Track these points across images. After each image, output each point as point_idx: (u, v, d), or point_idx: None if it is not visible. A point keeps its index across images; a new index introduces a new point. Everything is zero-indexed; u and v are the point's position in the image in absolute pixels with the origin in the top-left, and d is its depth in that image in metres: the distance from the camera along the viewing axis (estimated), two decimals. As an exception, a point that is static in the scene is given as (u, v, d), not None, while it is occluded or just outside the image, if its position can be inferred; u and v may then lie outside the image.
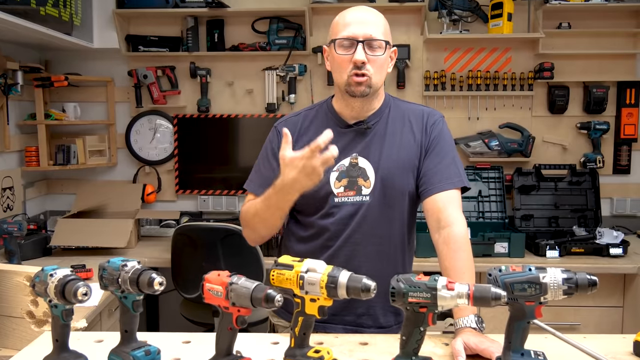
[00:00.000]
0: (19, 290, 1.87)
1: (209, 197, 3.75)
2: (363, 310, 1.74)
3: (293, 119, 1.82)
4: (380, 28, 1.66)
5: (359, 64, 1.63)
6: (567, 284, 1.18)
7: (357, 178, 1.71)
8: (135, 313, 1.30)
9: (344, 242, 1.71)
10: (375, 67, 1.65)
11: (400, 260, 1.78)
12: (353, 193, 1.71)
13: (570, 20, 3.54)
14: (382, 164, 1.71)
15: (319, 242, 1.74)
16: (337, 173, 1.72)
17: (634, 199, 3.68)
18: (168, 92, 3.71)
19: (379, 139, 1.74)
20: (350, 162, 1.72)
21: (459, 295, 1.15)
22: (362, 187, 1.71)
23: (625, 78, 3.59)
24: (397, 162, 1.71)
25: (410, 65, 3.63)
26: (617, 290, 3.06)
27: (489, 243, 3.07)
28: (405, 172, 1.72)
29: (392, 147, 1.73)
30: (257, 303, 1.16)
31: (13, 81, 3.19)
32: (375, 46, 1.64)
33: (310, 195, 1.71)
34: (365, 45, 1.63)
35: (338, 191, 1.71)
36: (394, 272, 1.43)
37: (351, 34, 1.64)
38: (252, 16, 3.64)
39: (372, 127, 1.74)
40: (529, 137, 3.56)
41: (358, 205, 1.71)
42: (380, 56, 1.65)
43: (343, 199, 1.71)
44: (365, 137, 1.74)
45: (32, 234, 3.14)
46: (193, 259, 2.92)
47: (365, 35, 1.63)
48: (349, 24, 1.65)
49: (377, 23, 1.67)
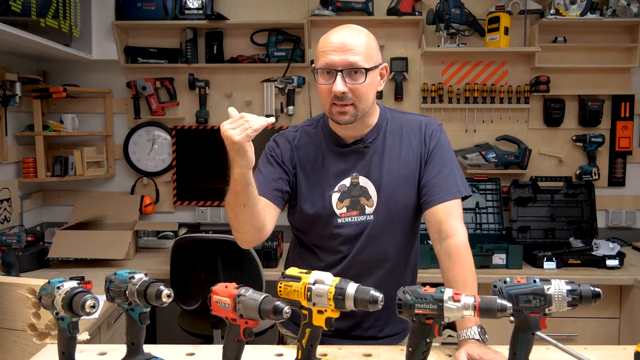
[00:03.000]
0: (20, 303, 1.86)
1: (206, 209, 3.75)
2: (369, 324, 1.76)
3: (291, 133, 1.81)
4: (362, 52, 1.58)
5: (338, 94, 1.58)
6: (571, 296, 1.19)
7: (359, 197, 1.70)
8: (142, 325, 1.30)
9: (350, 262, 1.71)
10: (358, 95, 1.60)
11: (406, 273, 1.80)
12: (357, 213, 1.70)
13: (566, 34, 3.58)
14: (383, 181, 1.71)
15: (324, 264, 1.73)
16: (339, 194, 1.71)
17: (629, 211, 3.71)
18: (166, 104, 3.72)
19: (379, 156, 1.73)
20: (352, 182, 1.71)
21: (465, 307, 1.16)
22: (365, 206, 1.70)
23: (620, 92, 3.63)
24: (398, 178, 1.71)
25: (408, 78, 3.66)
26: (613, 301, 3.08)
27: (487, 255, 3.09)
28: (406, 187, 1.72)
29: (392, 162, 1.72)
30: (265, 315, 1.16)
31: (11, 92, 3.18)
32: (357, 74, 1.59)
33: (312, 217, 1.72)
34: (345, 74, 1.58)
35: (341, 212, 1.70)
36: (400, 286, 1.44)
37: (330, 63, 1.58)
38: (251, 28, 3.66)
39: (371, 145, 1.73)
40: (526, 150, 3.59)
41: (363, 225, 1.70)
42: (362, 83, 1.59)
43: (347, 220, 1.71)
44: (365, 156, 1.73)
45: (30, 246, 3.13)
46: (192, 271, 2.91)
47: (344, 63, 1.57)
48: (328, 52, 1.59)
49: (359, 48, 1.58)
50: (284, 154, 1.76)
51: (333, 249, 1.72)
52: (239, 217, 1.57)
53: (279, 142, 1.78)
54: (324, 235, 1.73)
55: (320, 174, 1.73)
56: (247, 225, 1.60)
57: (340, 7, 3.53)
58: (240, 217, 1.57)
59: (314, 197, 1.72)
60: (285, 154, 1.76)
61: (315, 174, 1.74)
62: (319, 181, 1.73)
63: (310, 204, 1.73)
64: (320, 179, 1.73)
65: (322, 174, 1.73)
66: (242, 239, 1.66)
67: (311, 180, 1.74)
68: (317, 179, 1.73)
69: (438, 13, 3.46)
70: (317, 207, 1.72)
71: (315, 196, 1.72)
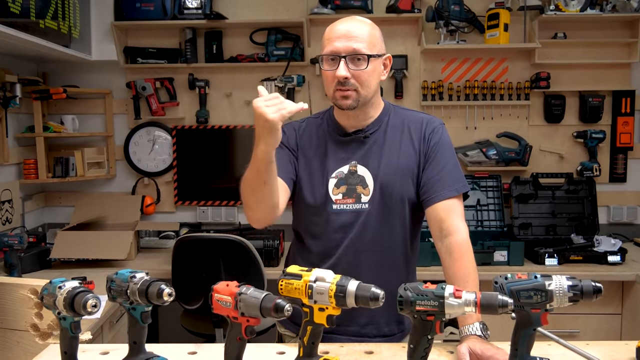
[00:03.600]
0: (23, 303, 1.86)
1: (208, 208, 3.76)
2: (367, 320, 1.76)
3: (297, 123, 1.88)
4: (365, 40, 1.65)
5: (341, 79, 1.64)
6: (572, 291, 1.19)
7: (356, 186, 1.73)
8: (144, 324, 1.30)
9: (345, 250, 1.73)
10: (361, 80, 1.66)
11: (403, 268, 1.79)
12: (352, 201, 1.72)
13: (566, 30, 3.58)
14: (381, 171, 1.73)
15: (320, 250, 1.76)
16: (336, 180, 1.74)
17: (630, 207, 3.71)
18: (167, 104, 3.72)
19: (378, 147, 1.75)
20: (349, 170, 1.74)
21: (466, 303, 1.16)
22: (362, 194, 1.72)
23: (621, 87, 3.62)
24: (397, 170, 1.73)
25: (408, 76, 3.66)
26: (615, 297, 3.08)
27: (489, 252, 3.09)
28: (404, 180, 1.73)
29: (392, 155, 1.74)
30: (266, 313, 1.17)
31: (12, 94, 3.19)
32: (359, 60, 1.65)
33: (308, 201, 1.75)
34: (348, 60, 1.64)
35: (336, 198, 1.73)
36: (396, 280, 1.44)
37: (334, 50, 1.65)
38: (250, 27, 3.66)
39: (371, 136, 1.76)
40: (526, 146, 3.59)
41: (358, 212, 1.72)
42: (365, 69, 1.65)
43: (342, 206, 1.73)
44: (364, 146, 1.76)
45: (32, 247, 3.13)
46: (193, 270, 2.92)
47: (348, 50, 1.63)
48: (333, 39, 1.66)
49: (362, 36, 1.65)
50: (290, 139, 1.82)
51: (328, 236, 1.74)
52: (258, 195, 1.61)
53: (286, 130, 1.82)
54: (319, 222, 1.75)
55: (320, 160, 1.78)
56: (263, 203, 1.63)
57: (339, 5, 3.53)
58: (258, 195, 1.61)
59: (312, 183, 1.77)
60: (291, 139, 1.82)
61: (315, 159, 1.78)
62: (319, 167, 1.77)
63: (309, 189, 1.76)
64: (320, 164, 1.77)
65: (322, 160, 1.77)
66: (257, 218, 1.69)
67: (311, 166, 1.78)
68: (317, 165, 1.77)
69: (437, 10, 3.46)
70: (315, 192, 1.75)
71: (313, 182, 1.76)
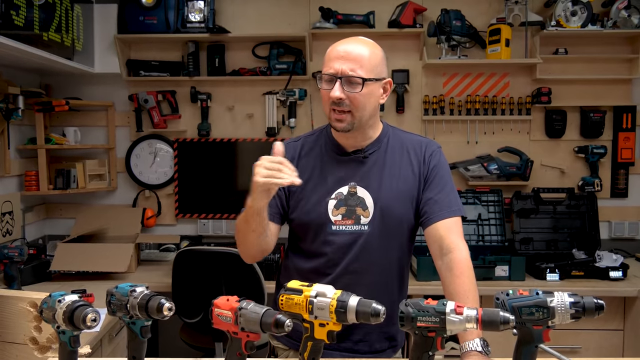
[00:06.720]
0: (22, 316, 1.85)
1: (209, 221, 3.75)
2: (360, 337, 1.75)
3: (293, 143, 1.84)
4: (362, 63, 1.63)
5: (335, 100, 1.63)
6: (574, 308, 1.19)
7: (355, 207, 1.71)
8: (144, 339, 1.29)
9: (342, 271, 1.71)
10: (355, 103, 1.64)
11: (397, 288, 1.79)
12: (351, 222, 1.71)
13: (567, 46, 3.59)
14: (381, 194, 1.72)
15: (317, 270, 1.74)
16: (335, 201, 1.72)
17: (631, 222, 3.70)
18: (168, 117, 3.73)
19: (378, 169, 1.74)
20: (349, 191, 1.72)
21: (467, 320, 1.16)
22: (361, 216, 1.71)
23: (622, 103, 3.63)
24: (397, 193, 1.72)
25: (410, 90, 3.67)
26: (617, 313, 3.05)
27: (490, 266, 3.07)
28: (404, 203, 1.73)
29: (392, 177, 1.74)
30: (266, 328, 1.16)
31: (14, 106, 3.19)
32: (355, 83, 1.63)
33: (307, 222, 1.74)
34: (344, 82, 1.63)
35: (335, 219, 1.71)
36: (389, 300, 1.44)
37: (331, 70, 1.64)
38: (252, 41, 3.68)
39: (370, 156, 1.75)
40: (528, 161, 3.59)
41: (357, 234, 1.71)
42: (360, 92, 1.63)
43: (341, 227, 1.71)
44: (364, 166, 1.75)
45: (32, 259, 3.12)
46: (194, 284, 2.91)
47: (344, 71, 1.62)
48: (332, 59, 1.65)
49: (360, 58, 1.63)
50: None
51: (326, 255, 1.73)
52: (247, 241, 1.69)
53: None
54: (317, 242, 1.74)
55: (318, 180, 1.76)
56: (252, 249, 1.71)
57: (341, 19, 3.55)
58: (247, 241, 1.69)
59: (311, 203, 1.74)
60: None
61: (314, 180, 1.76)
62: (317, 187, 1.75)
63: (307, 209, 1.74)
64: (318, 185, 1.75)
65: (321, 180, 1.76)
66: (248, 255, 1.76)
67: (310, 185, 1.75)
68: (315, 185, 1.75)
69: (439, 25, 3.48)
70: (313, 212, 1.74)
71: (312, 201, 1.74)
